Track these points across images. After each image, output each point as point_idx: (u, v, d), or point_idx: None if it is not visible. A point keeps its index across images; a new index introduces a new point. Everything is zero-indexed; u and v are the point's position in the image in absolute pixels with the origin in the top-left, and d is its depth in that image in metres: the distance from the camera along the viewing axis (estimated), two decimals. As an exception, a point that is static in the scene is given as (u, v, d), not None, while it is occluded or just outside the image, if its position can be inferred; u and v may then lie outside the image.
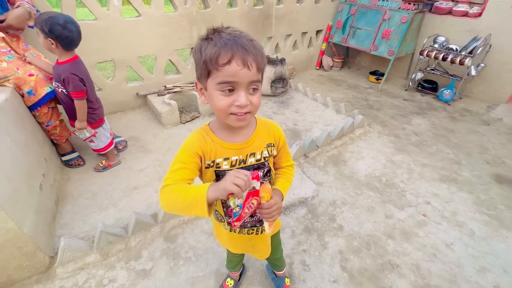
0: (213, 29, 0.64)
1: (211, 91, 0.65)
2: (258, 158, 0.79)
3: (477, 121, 2.98)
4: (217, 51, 0.60)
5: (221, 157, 0.75)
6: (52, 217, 1.56)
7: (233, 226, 0.82)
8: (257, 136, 0.79)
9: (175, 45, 2.84)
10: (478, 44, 2.93)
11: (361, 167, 2.22)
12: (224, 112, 0.65)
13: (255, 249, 1.01)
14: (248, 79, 0.62)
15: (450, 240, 1.62)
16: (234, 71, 0.60)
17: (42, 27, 1.49)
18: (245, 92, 0.64)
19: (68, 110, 1.78)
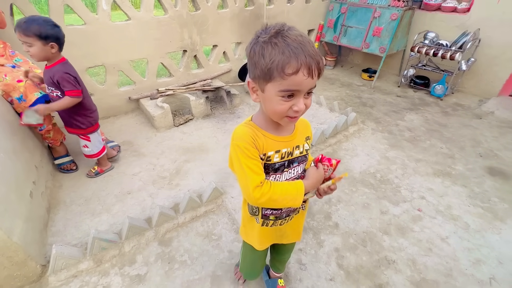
0: (274, 31, 0.62)
1: (270, 95, 0.66)
2: (301, 151, 0.83)
3: (469, 115, 3.01)
4: (285, 60, 0.60)
5: (272, 150, 0.77)
6: (43, 225, 1.53)
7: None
8: (298, 130, 0.83)
9: (167, 48, 2.83)
10: (467, 39, 2.97)
11: (356, 164, 2.22)
12: (280, 115, 0.69)
13: (283, 237, 1.04)
14: (309, 87, 0.64)
15: (445, 234, 1.63)
16: (300, 81, 0.61)
17: (41, 33, 1.42)
18: (303, 98, 0.66)
19: (63, 115, 1.75)
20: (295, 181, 0.79)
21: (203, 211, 1.74)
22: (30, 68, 1.88)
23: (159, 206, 1.61)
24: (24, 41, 1.42)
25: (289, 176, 0.84)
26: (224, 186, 1.91)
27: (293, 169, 0.83)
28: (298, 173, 0.85)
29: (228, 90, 2.98)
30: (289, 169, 0.82)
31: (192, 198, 1.69)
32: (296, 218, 1.00)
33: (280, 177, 0.82)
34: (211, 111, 2.92)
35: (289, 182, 0.79)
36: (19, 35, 1.41)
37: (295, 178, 0.84)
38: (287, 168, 0.82)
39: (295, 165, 0.83)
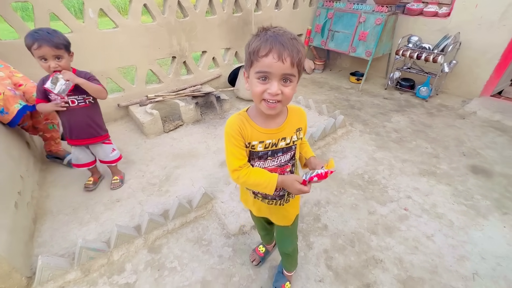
0: (263, 28, 0.75)
1: (251, 78, 0.77)
2: (287, 142, 0.90)
3: (453, 116, 3.10)
4: (259, 45, 0.71)
5: (257, 140, 0.87)
6: (29, 236, 1.51)
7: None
8: (288, 123, 0.89)
9: (155, 54, 2.84)
10: (448, 42, 3.07)
11: (344, 166, 2.26)
12: (258, 97, 0.76)
13: (272, 215, 1.12)
14: (281, 71, 0.71)
15: (430, 232, 1.67)
16: (269, 62, 0.70)
17: (66, 44, 1.45)
18: (278, 83, 0.73)
19: (88, 122, 1.69)
20: (272, 173, 0.89)
21: (193, 217, 1.74)
22: (11, 72, 1.86)
23: (148, 213, 1.60)
24: (56, 54, 1.41)
25: (272, 163, 0.92)
26: (214, 191, 1.92)
27: (277, 158, 0.92)
28: (281, 162, 0.93)
29: (218, 96, 3.00)
30: (273, 158, 0.91)
31: (182, 204, 1.69)
32: (285, 207, 1.07)
33: (264, 164, 0.92)
34: (201, 116, 2.93)
35: (265, 173, 0.88)
36: (49, 49, 1.37)
37: (277, 166, 0.93)
38: (271, 156, 0.91)
39: (279, 154, 0.91)
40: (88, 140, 1.74)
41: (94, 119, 1.73)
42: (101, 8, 2.36)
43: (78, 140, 1.72)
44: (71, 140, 1.73)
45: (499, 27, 2.98)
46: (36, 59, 1.41)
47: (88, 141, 1.75)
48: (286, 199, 1.04)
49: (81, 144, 1.74)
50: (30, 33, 1.36)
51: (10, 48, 2.09)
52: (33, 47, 1.36)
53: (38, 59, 1.41)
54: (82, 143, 1.74)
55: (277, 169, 0.94)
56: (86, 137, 1.73)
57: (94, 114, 1.73)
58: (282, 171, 0.95)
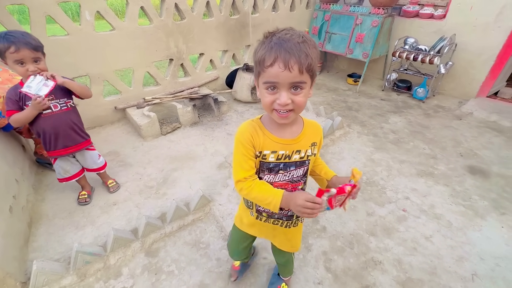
0: (268, 32, 0.70)
1: (260, 88, 0.73)
2: (302, 156, 0.84)
3: (450, 117, 3.12)
4: (263, 54, 0.68)
5: (269, 150, 0.80)
6: (24, 241, 1.48)
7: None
8: (304, 135, 0.84)
9: (153, 57, 2.83)
10: (444, 43, 3.10)
11: (342, 167, 2.26)
12: (268, 107, 0.73)
13: (275, 238, 1.06)
14: (289, 80, 0.67)
15: (429, 233, 1.67)
16: (276, 72, 0.66)
17: (42, 46, 1.39)
18: (287, 92, 0.69)
19: (75, 123, 1.61)
20: (277, 189, 0.80)
21: (190, 220, 1.72)
22: (10, 75, 1.85)
23: (146, 216, 1.58)
24: (35, 57, 1.36)
25: (284, 178, 0.85)
26: (212, 193, 1.91)
27: (289, 172, 0.84)
28: (293, 177, 0.85)
29: (216, 98, 3.00)
30: (285, 172, 0.83)
31: (179, 207, 1.68)
32: (292, 231, 1.01)
33: (274, 178, 0.84)
34: (199, 118, 2.92)
35: (270, 188, 0.81)
36: (29, 52, 1.32)
37: (289, 182, 0.85)
38: (282, 170, 0.83)
39: (291, 169, 0.84)
40: (75, 147, 1.65)
41: (77, 124, 1.65)
42: (98, 11, 2.36)
43: (64, 149, 1.61)
44: (55, 152, 1.60)
45: (494, 28, 3.01)
46: (8, 63, 1.32)
47: (75, 148, 1.66)
48: (294, 222, 0.98)
49: (67, 153, 1.64)
50: (1, 36, 1.27)
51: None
52: (9, 50, 1.27)
53: (14, 63, 1.31)
54: (69, 152, 1.64)
55: (289, 185, 0.86)
56: (72, 144, 1.64)
57: (77, 118, 1.65)
58: (294, 188, 0.87)
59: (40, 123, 1.50)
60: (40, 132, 1.53)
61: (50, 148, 1.59)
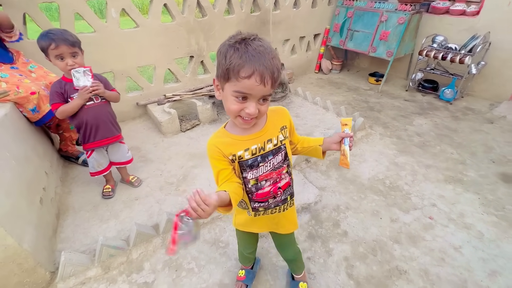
0: (241, 38, 0.69)
1: (227, 94, 0.73)
2: (275, 143, 0.86)
3: (480, 120, 2.94)
4: (241, 64, 0.66)
5: (242, 149, 0.83)
6: (53, 231, 1.54)
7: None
8: (270, 123, 0.86)
9: (174, 54, 2.86)
10: (477, 42, 2.92)
11: (364, 170, 2.19)
12: (233, 114, 0.75)
13: (279, 226, 1.07)
14: (261, 93, 0.70)
15: (458, 243, 1.58)
16: (251, 85, 0.67)
17: (79, 42, 1.49)
18: (256, 103, 0.72)
19: (111, 118, 1.71)
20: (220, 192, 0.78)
21: (210, 218, 1.73)
22: (45, 73, 1.92)
23: (166, 213, 1.60)
24: (72, 52, 1.46)
25: (266, 169, 0.88)
26: (231, 192, 1.90)
27: (269, 162, 0.87)
28: (274, 164, 0.88)
29: (235, 95, 2.99)
30: (265, 163, 0.86)
31: (199, 205, 1.68)
32: (290, 210, 1.04)
33: (257, 172, 0.87)
34: (218, 116, 2.93)
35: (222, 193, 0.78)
36: (66, 47, 1.42)
37: (272, 170, 0.88)
38: (262, 162, 0.86)
39: (269, 158, 0.87)
40: (111, 138, 1.73)
41: (114, 116, 1.75)
42: (123, 8, 2.40)
43: (102, 140, 1.69)
44: (94, 143, 1.66)
45: (534, 26, 2.80)
46: (51, 60, 1.44)
47: (112, 140, 1.74)
48: (289, 203, 1.01)
49: (104, 144, 1.72)
50: (44, 35, 1.40)
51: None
52: (50, 47, 1.39)
53: (55, 59, 1.43)
54: (106, 143, 1.72)
55: (273, 174, 0.89)
56: (110, 136, 1.72)
57: (112, 111, 1.75)
58: (279, 173, 0.91)
59: (83, 114, 1.58)
60: (83, 122, 1.60)
61: (89, 139, 1.66)
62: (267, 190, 0.91)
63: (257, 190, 0.90)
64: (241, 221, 1.07)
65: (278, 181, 0.92)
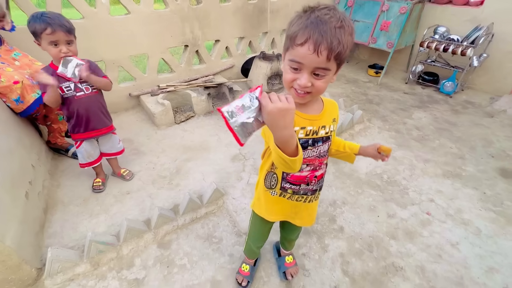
0: (309, 7, 0.67)
1: (285, 63, 0.73)
2: (327, 131, 0.85)
3: (480, 114, 2.90)
4: (297, 31, 0.65)
5: (298, 126, 0.80)
6: (40, 226, 1.49)
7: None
8: (326, 111, 0.85)
9: (167, 43, 2.75)
10: (480, 33, 2.84)
11: (362, 165, 2.15)
12: (287, 84, 0.73)
13: (297, 215, 1.04)
14: (314, 65, 0.66)
15: (455, 240, 1.56)
16: (303, 53, 0.65)
17: (74, 29, 1.40)
18: (309, 75, 0.68)
19: (101, 109, 1.62)
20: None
21: (203, 213, 1.69)
22: (30, 61, 1.83)
23: (158, 208, 1.56)
24: (68, 39, 1.37)
25: (312, 154, 0.86)
26: (226, 186, 1.86)
27: (317, 148, 0.85)
28: (321, 152, 0.87)
29: (231, 87, 2.91)
30: (313, 147, 0.84)
31: (192, 199, 1.64)
32: (313, 205, 1.02)
33: (304, 154, 0.83)
34: (213, 108, 2.86)
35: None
36: (63, 34, 1.33)
37: (317, 157, 0.87)
38: (311, 146, 0.84)
39: (319, 144, 0.85)
40: (103, 129, 1.67)
41: (105, 107, 1.68)
42: (113, -7, 2.28)
43: (93, 131, 1.63)
44: (84, 134, 1.61)
45: (538, 17, 2.72)
46: (42, 45, 1.35)
47: (103, 131, 1.68)
48: (316, 196, 0.99)
49: (95, 135, 1.66)
50: (38, 17, 1.29)
51: (24, 34, 2.05)
52: (45, 31, 1.29)
53: (48, 44, 1.34)
54: (97, 134, 1.66)
55: (316, 160, 0.87)
56: (101, 127, 1.66)
57: (104, 101, 1.67)
58: (321, 162, 0.89)
59: (74, 105, 1.52)
60: (74, 113, 1.53)
61: (80, 130, 1.60)
62: (304, 175, 0.89)
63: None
64: (261, 203, 1.04)
65: (317, 169, 0.90)
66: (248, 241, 1.27)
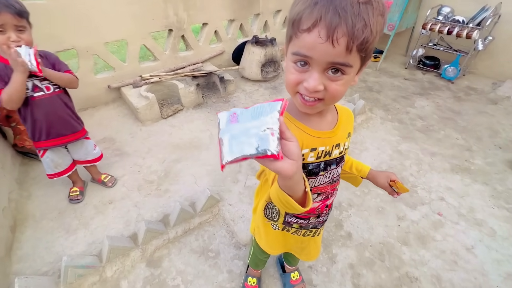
0: None
1: (287, 59, 0.53)
2: (341, 150, 0.67)
3: (483, 100, 2.78)
4: (302, 11, 0.45)
5: (308, 147, 0.61)
6: (6, 249, 1.29)
7: None
8: (341, 124, 0.66)
9: (149, 27, 2.45)
10: (487, 14, 2.66)
11: (366, 160, 2.00)
12: (291, 88, 0.53)
13: (304, 251, 0.91)
14: (328, 59, 0.45)
15: (470, 243, 1.46)
16: (312, 43, 0.45)
17: (28, 14, 1.13)
18: (321, 74, 0.48)
19: (65, 114, 1.35)
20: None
21: (197, 223, 1.51)
22: None
23: (146, 222, 1.37)
24: (18, 24, 1.09)
25: (325, 180, 0.68)
26: (221, 191, 1.68)
27: (330, 172, 0.67)
28: (334, 176, 0.69)
29: (222, 76, 2.66)
30: (326, 172, 0.66)
31: (184, 209, 1.45)
32: (320, 237, 0.89)
33: (314, 182, 0.67)
34: (203, 99, 2.61)
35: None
36: (11, 17, 1.05)
37: (329, 183, 0.69)
38: (323, 171, 0.66)
39: (332, 167, 0.67)
40: (71, 136, 1.41)
41: (72, 108, 1.41)
42: (80, -32, 1.95)
43: (58, 139, 1.37)
44: (46, 142, 1.34)
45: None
46: None
47: (71, 138, 1.42)
48: (323, 225, 0.84)
49: (61, 143, 1.40)
50: None
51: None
52: None
53: None
54: (63, 141, 1.40)
55: (328, 187, 0.70)
56: (68, 133, 1.40)
57: (70, 102, 1.41)
58: (333, 189, 0.73)
59: (31, 108, 1.25)
60: (29, 118, 1.27)
61: (41, 137, 1.34)
62: (314, 206, 0.72)
63: None
64: (260, 233, 0.88)
65: (329, 197, 0.74)
66: (252, 251, 1.12)
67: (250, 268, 1.24)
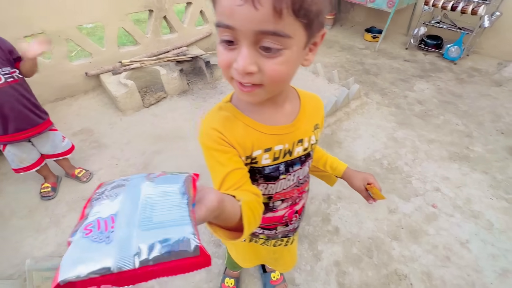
0: None
1: (217, 37, 0.41)
2: (305, 147, 0.56)
3: (487, 82, 2.62)
4: None
5: (260, 148, 0.50)
6: (-31, 252, 1.21)
7: None
8: (304, 115, 0.54)
9: (126, 7, 2.26)
10: (496, -13, 2.44)
11: (359, 149, 1.89)
12: (224, 71, 0.41)
13: (278, 262, 0.84)
14: (252, 26, 0.34)
15: (465, 237, 1.37)
16: (229, 6, 0.34)
17: None
18: (251, 49, 0.37)
19: (25, 104, 1.25)
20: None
21: (175, 219, 1.43)
22: None
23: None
24: None
25: (288, 184, 0.58)
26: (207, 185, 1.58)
27: (293, 174, 0.57)
28: (299, 178, 0.59)
29: (208, 60, 2.49)
30: (288, 174, 0.56)
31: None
32: (294, 246, 0.82)
33: (275, 188, 0.57)
34: (188, 86, 2.47)
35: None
36: None
37: (295, 187, 0.59)
38: (284, 174, 0.55)
39: (296, 168, 0.56)
40: (32, 130, 1.30)
41: (31, 100, 1.28)
42: None
43: (18, 133, 1.27)
44: (5, 137, 1.26)
45: None
46: None
47: (33, 132, 1.31)
48: (296, 233, 0.75)
49: (21, 138, 1.30)
50: None
51: None
52: None
53: None
54: (24, 137, 1.30)
55: (294, 191, 0.60)
56: (29, 127, 1.28)
57: (28, 92, 1.28)
58: (301, 192, 0.63)
59: None
60: None
61: None
62: (280, 214, 0.63)
63: (266, 212, 0.61)
64: (231, 245, 0.83)
65: (297, 202, 0.64)
66: (229, 253, 1.04)
67: (228, 269, 1.17)
